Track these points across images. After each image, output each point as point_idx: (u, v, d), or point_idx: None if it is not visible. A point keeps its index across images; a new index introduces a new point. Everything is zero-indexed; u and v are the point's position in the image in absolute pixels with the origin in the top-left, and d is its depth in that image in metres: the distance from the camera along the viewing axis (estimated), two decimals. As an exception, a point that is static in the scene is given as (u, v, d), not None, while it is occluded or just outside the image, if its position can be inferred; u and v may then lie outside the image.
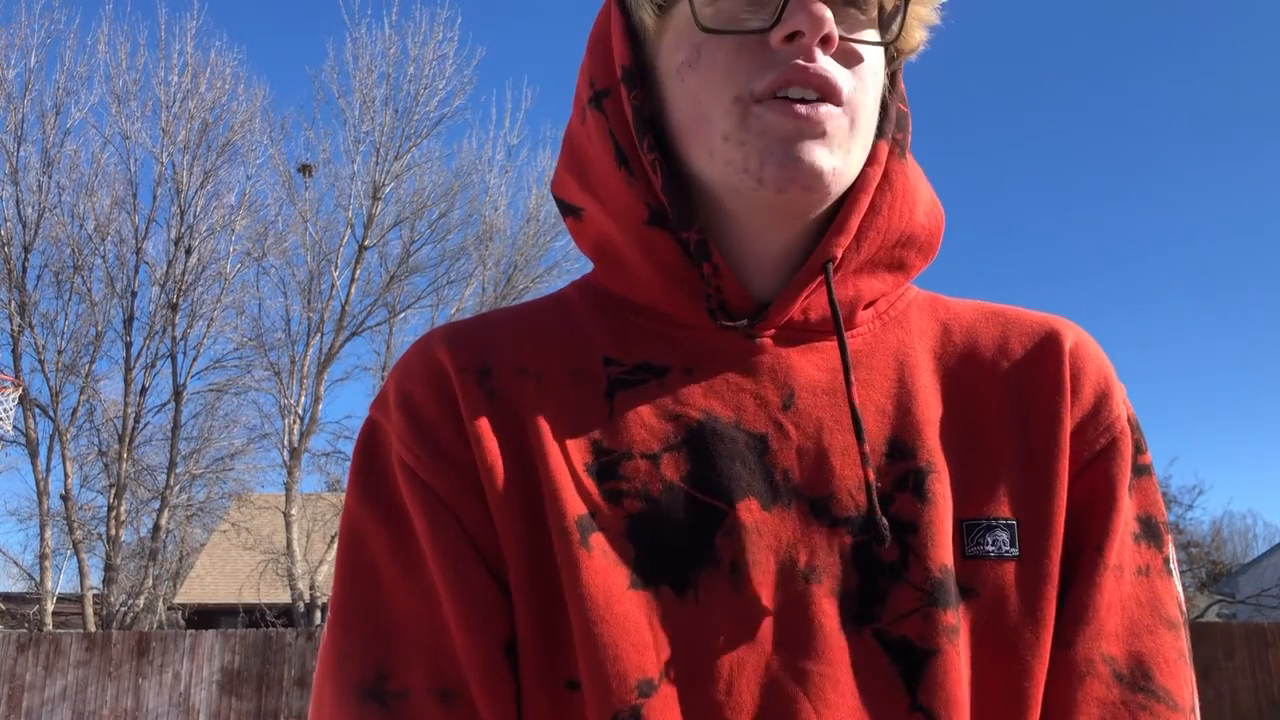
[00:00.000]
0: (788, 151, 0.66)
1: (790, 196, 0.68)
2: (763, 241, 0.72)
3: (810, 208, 0.70)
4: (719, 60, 0.67)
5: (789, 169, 0.66)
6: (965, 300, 0.80)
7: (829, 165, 0.67)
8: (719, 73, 0.67)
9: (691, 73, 0.69)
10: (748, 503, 0.67)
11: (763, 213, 0.70)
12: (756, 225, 0.71)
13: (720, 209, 0.71)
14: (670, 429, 0.69)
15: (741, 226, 0.72)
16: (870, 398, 0.71)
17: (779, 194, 0.67)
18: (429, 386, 0.72)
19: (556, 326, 0.75)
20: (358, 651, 0.67)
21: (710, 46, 0.68)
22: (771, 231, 0.72)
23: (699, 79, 0.68)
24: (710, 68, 0.68)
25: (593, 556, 0.65)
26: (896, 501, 0.68)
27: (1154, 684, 0.67)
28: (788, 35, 0.66)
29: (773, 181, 0.67)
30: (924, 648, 0.64)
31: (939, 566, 0.66)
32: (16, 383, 16.30)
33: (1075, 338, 0.75)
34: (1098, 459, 0.71)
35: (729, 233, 0.72)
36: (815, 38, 0.65)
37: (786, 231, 0.72)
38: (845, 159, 0.69)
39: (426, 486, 0.69)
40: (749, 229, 0.72)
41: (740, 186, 0.68)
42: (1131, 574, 0.70)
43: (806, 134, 0.66)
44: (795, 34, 0.66)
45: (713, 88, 0.68)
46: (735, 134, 0.67)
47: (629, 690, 0.62)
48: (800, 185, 0.67)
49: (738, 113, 0.67)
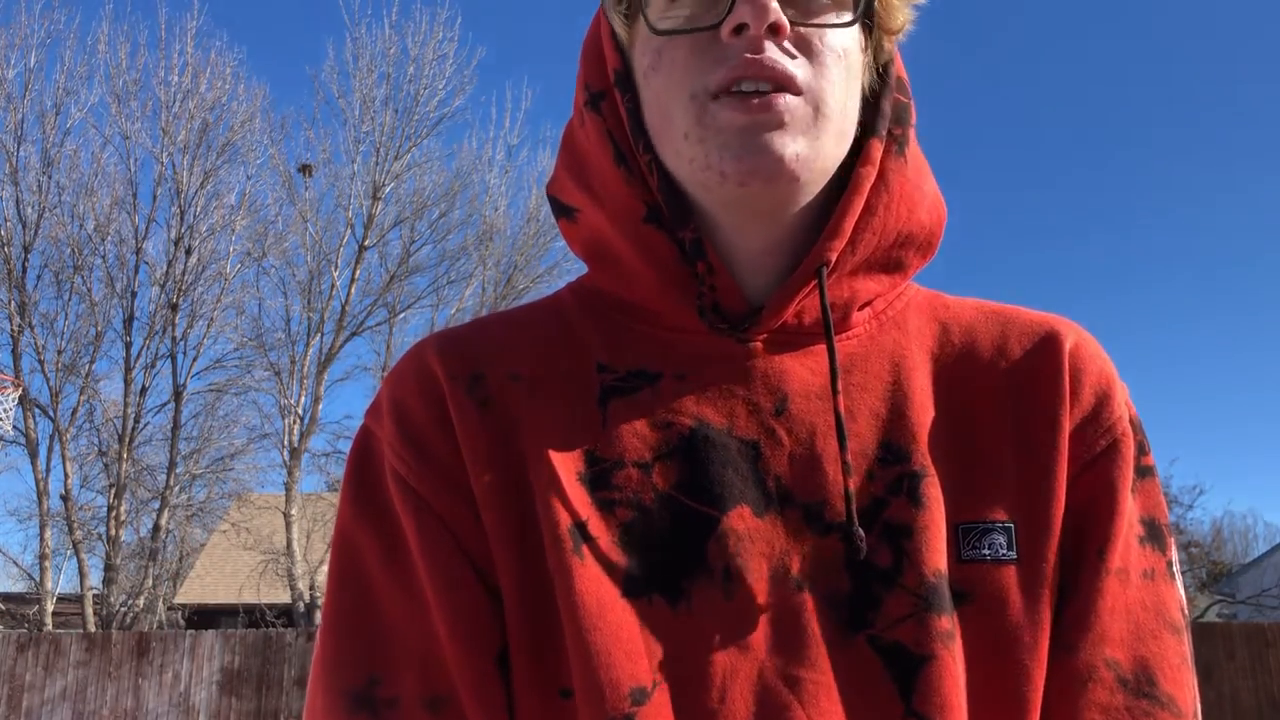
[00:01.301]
0: (744, 143, 0.66)
1: (753, 189, 0.67)
2: (749, 241, 0.72)
3: (781, 201, 0.70)
4: (677, 60, 0.68)
5: (747, 160, 0.66)
6: (965, 299, 0.79)
7: (790, 151, 0.67)
8: (678, 72, 0.68)
9: (655, 76, 0.70)
10: (740, 510, 0.67)
11: (736, 210, 0.70)
12: (736, 223, 0.71)
13: (702, 210, 0.71)
14: (662, 437, 0.69)
15: (725, 227, 0.71)
16: (864, 401, 0.71)
17: (741, 187, 0.67)
18: (421, 394, 0.72)
19: (550, 332, 0.75)
20: (348, 658, 0.67)
21: (670, 49, 0.69)
22: (753, 230, 0.71)
23: (661, 81, 0.69)
24: (670, 68, 0.69)
25: (585, 564, 0.65)
26: (890, 506, 0.67)
27: (1158, 690, 0.66)
28: (735, 29, 0.66)
29: (733, 175, 0.67)
30: (919, 653, 0.64)
31: (933, 571, 0.66)
32: (16, 383, 16.30)
33: (1076, 338, 0.74)
34: (1098, 460, 0.71)
35: (718, 234, 0.72)
36: (760, 27, 0.65)
37: (770, 231, 0.71)
38: (812, 145, 0.68)
39: (418, 495, 0.69)
40: (731, 228, 0.71)
41: (706, 183, 0.69)
42: (1137, 578, 0.70)
43: (762, 125, 0.66)
44: (741, 26, 0.66)
45: (672, 88, 0.69)
46: (694, 131, 0.67)
47: (622, 698, 0.62)
48: (761, 177, 0.67)
49: (694, 110, 0.67)
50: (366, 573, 0.69)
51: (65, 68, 18.57)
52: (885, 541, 0.66)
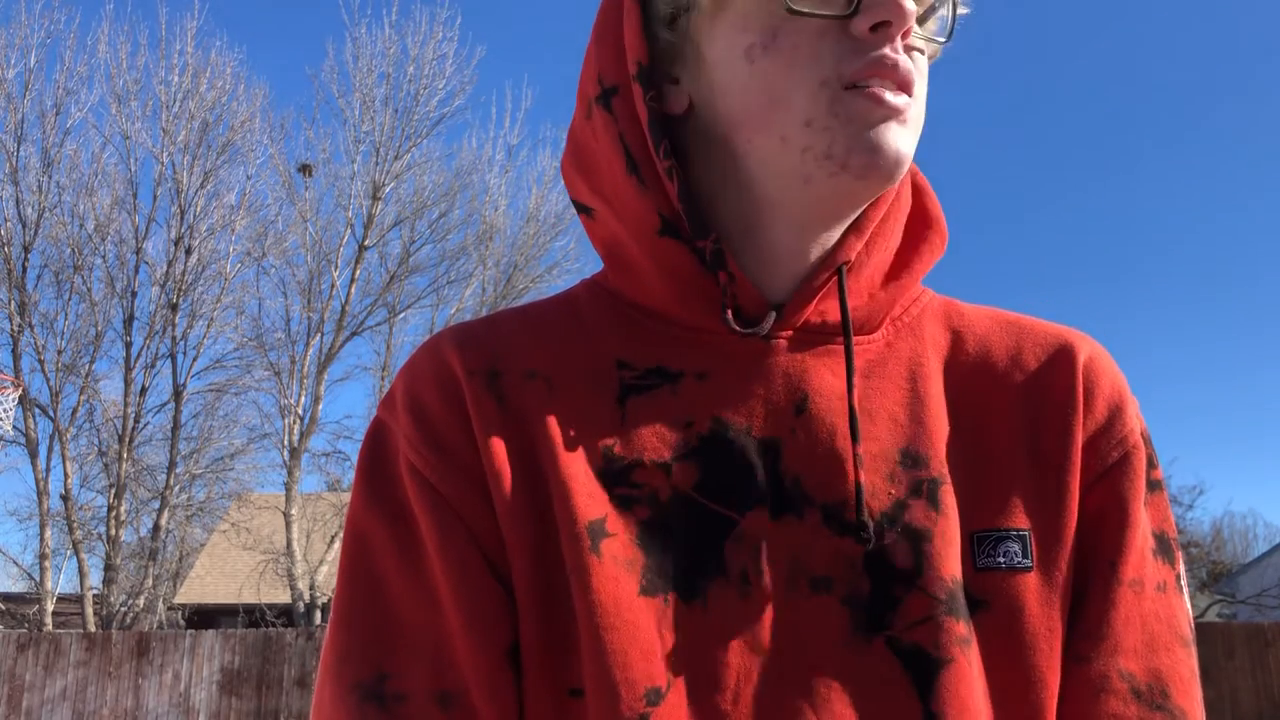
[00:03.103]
0: (876, 138, 0.65)
1: (871, 182, 0.67)
2: (791, 240, 0.71)
3: (870, 199, 0.70)
4: (801, 44, 0.65)
5: (876, 155, 0.65)
6: (980, 307, 0.79)
7: (906, 150, 0.67)
8: (803, 56, 0.65)
9: (765, 55, 0.66)
10: (758, 511, 0.66)
11: (816, 207, 0.69)
12: (797, 221, 0.70)
13: (757, 206, 0.71)
14: (682, 436, 0.68)
15: (776, 226, 0.71)
16: (884, 406, 0.70)
17: (859, 179, 0.66)
18: (437, 389, 0.71)
19: (567, 329, 0.74)
20: (358, 652, 0.67)
21: (790, 29, 0.66)
22: (810, 229, 0.71)
23: (777, 62, 0.66)
24: (792, 50, 0.65)
25: (603, 562, 0.64)
26: (910, 509, 0.67)
27: (1171, 703, 0.66)
28: (873, 25, 0.65)
29: (857, 168, 0.66)
30: (937, 656, 0.63)
31: (951, 576, 0.65)
32: (16, 383, 16.30)
33: (1090, 351, 0.74)
34: (1111, 472, 0.71)
35: (754, 234, 0.71)
36: (900, 29, 0.65)
37: (822, 230, 0.71)
38: (912, 146, 0.68)
39: (433, 489, 0.68)
40: (785, 226, 0.71)
41: (814, 174, 0.67)
42: (1152, 590, 0.69)
43: (897, 121, 0.66)
44: (881, 24, 0.65)
45: (796, 70, 0.65)
46: (821, 119, 0.65)
47: (638, 698, 0.61)
48: (883, 173, 0.66)
49: (825, 98, 0.65)
50: (379, 566, 0.69)
51: (65, 68, 18.61)
52: (906, 542, 0.66)
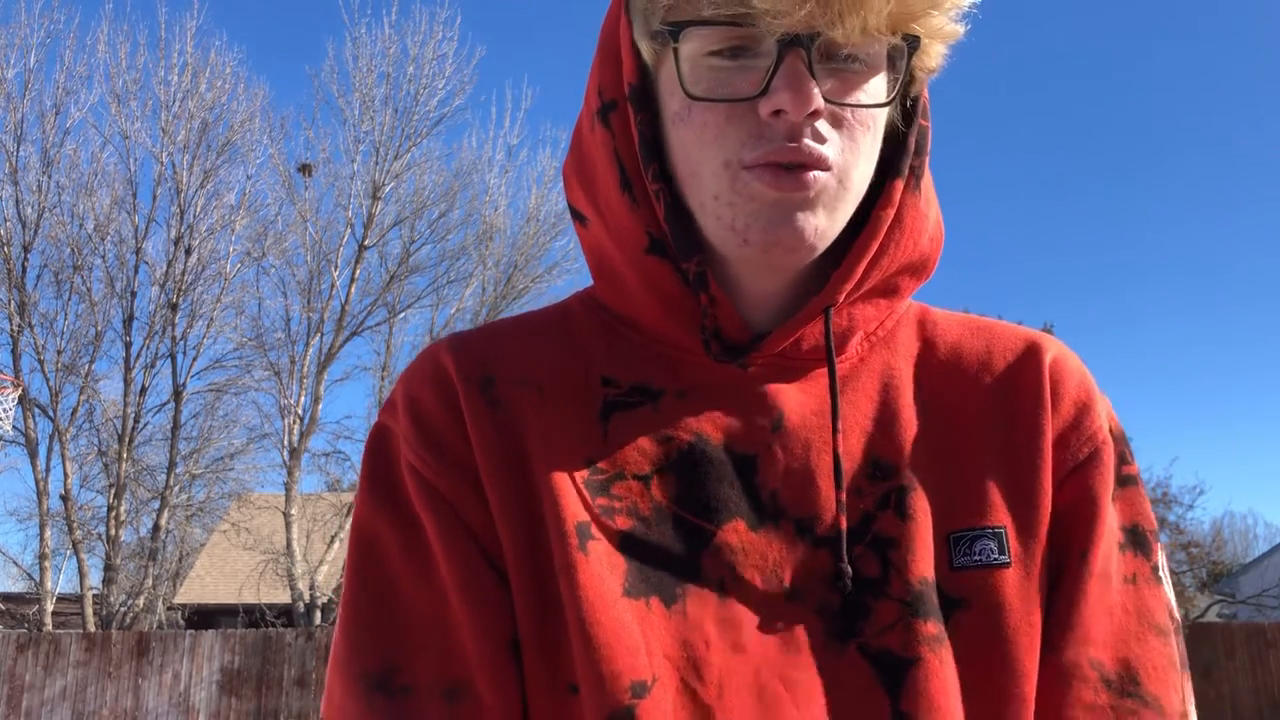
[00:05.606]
0: (773, 217, 0.67)
1: (774, 257, 0.69)
2: (758, 283, 0.73)
3: (795, 265, 0.71)
4: (709, 123, 0.68)
5: (774, 233, 0.67)
6: (951, 313, 0.81)
7: (813, 227, 0.68)
8: (710, 135, 0.68)
9: (683, 126, 0.69)
10: (735, 524, 0.69)
11: (753, 264, 0.72)
12: (749, 271, 0.73)
13: (716, 252, 0.72)
14: (662, 451, 0.71)
15: (735, 269, 0.73)
16: (855, 420, 0.73)
17: (764, 254, 0.69)
18: (435, 393, 0.74)
19: (559, 341, 0.77)
20: (368, 645, 0.69)
21: (701, 108, 0.68)
22: (763, 278, 0.73)
23: (692, 137, 0.69)
24: (701, 129, 0.68)
25: (590, 560, 0.67)
26: (879, 519, 0.70)
27: (1142, 690, 0.68)
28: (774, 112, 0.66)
29: (758, 244, 0.68)
30: (905, 656, 0.66)
31: (919, 579, 0.68)
32: (16, 383, 16.32)
33: (1056, 352, 0.77)
34: (1080, 468, 0.73)
35: (725, 267, 0.73)
36: (800, 117, 0.65)
37: (778, 278, 0.73)
38: (831, 217, 0.69)
39: (434, 490, 0.71)
40: (743, 272, 0.73)
41: (728, 242, 0.69)
42: (1119, 582, 0.71)
43: (793, 203, 0.67)
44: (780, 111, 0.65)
45: (704, 148, 0.68)
46: (725, 195, 0.68)
47: (623, 690, 0.64)
48: (784, 248, 0.68)
49: (727, 177, 0.68)
50: (386, 564, 0.71)
51: (65, 68, 18.64)
52: (874, 553, 0.69)
